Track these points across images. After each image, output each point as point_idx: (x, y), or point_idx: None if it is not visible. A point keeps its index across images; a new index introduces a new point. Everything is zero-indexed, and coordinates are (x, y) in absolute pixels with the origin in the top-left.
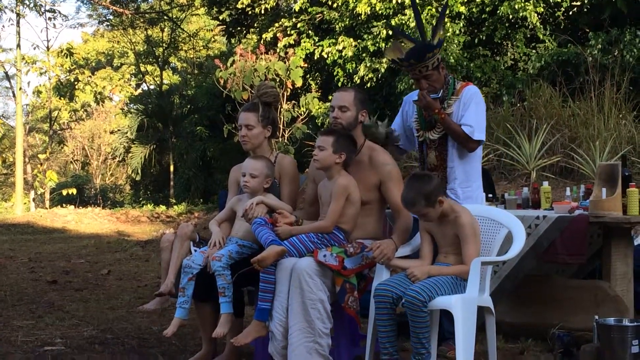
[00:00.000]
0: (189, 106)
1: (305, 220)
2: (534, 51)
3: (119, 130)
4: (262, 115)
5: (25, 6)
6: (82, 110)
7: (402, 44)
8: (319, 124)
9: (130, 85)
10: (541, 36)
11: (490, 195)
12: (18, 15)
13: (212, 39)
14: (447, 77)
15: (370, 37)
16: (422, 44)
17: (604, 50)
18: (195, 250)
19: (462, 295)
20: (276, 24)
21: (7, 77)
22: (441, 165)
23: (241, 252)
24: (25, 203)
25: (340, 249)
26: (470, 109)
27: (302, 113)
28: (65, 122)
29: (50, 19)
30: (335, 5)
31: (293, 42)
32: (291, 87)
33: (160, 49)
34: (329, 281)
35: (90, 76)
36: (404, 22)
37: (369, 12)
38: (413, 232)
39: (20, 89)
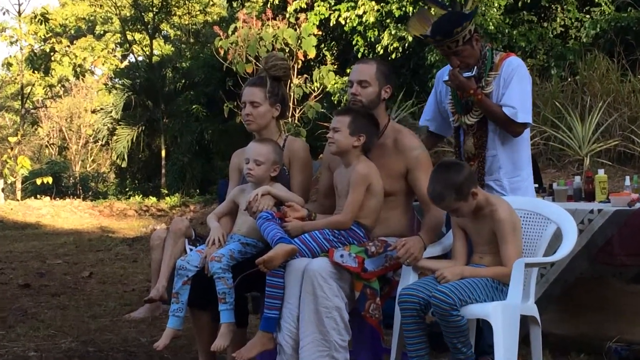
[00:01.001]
0: (183, 81)
1: (319, 215)
2: (587, 16)
3: (102, 109)
4: (269, 91)
5: None
6: (59, 85)
7: (431, 12)
8: (335, 102)
9: (115, 56)
10: None
11: (536, 186)
12: None
13: (211, 2)
14: (483, 49)
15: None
16: (449, 15)
17: None
18: (191, 249)
19: (502, 302)
20: None
21: None
22: (481, 154)
23: (244, 252)
24: None
25: (360, 248)
26: (513, 86)
27: (316, 89)
28: (39, 99)
29: None
30: None
31: (305, 6)
32: (303, 59)
33: (150, 14)
34: (346, 286)
35: (68, 46)
36: None
37: None
38: (445, 229)
39: None
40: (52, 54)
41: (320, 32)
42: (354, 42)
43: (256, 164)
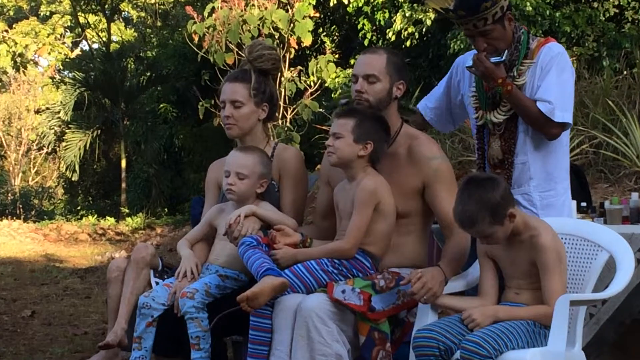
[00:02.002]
0: (148, 74)
1: (315, 240)
2: None
3: (47, 108)
4: (254, 88)
5: None
6: None
7: None
8: (337, 100)
9: (64, 43)
10: None
11: (583, 204)
12: None
13: None
14: (517, 31)
15: None
16: None
17: None
18: (157, 283)
19: (542, 349)
20: None
21: None
22: (508, 160)
23: (223, 286)
24: None
25: (365, 282)
26: (551, 78)
27: (312, 84)
28: None
29: None
30: None
31: None
32: (296, 47)
33: None
34: (349, 328)
35: (6, 31)
36: None
37: None
38: (470, 258)
39: None
40: None
41: (317, 14)
42: (359, 27)
43: (238, 177)
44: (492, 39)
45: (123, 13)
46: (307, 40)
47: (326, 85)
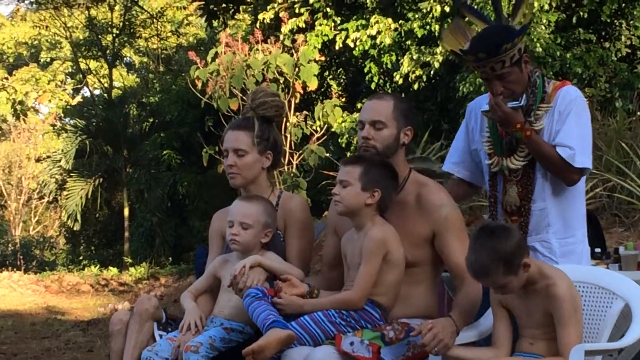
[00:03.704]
0: (151, 120)
1: (322, 291)
2: None
3: (48, 157)
4: (258, 136)
5: None
6: None
7: (468, 24)
8: (343, 145)
9: (65, 90)
10: None
11: (597, 251)
12: None
13: (185, 22)
14: (533, 74)
15: (417, 15)
16: (496, 28)
17: None
18: (161, 336)
19: None
20: None
21: None
22: (527, 206)
23: (228, 339)
24: None
25: (374, 334)
26: (570, 123)
27: (319, 129)
28: None
29: None
30: None
31: (304, 25)
32: (302, 92)
33: (109, 37)
34: None
35: (6, 78)
36: None
37: None
38: (482, 307)
39: None
40: None
41: (323, 58)
42: (365, 70)
43: (242, 227)
44: (509, 83)
45: (125, 58)
46: (313, 85)
47: (332, 130)
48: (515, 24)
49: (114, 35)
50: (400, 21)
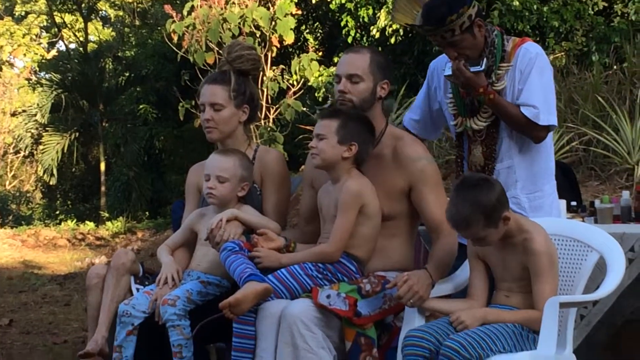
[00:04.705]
0: (127, 74)
1: (299, 244)
2: None
3: (24, 111)
4: (234, 90)
5: None
6: None
7: None
8: (320, 99)
9: (40, 44)
10: None
11: (573, 204)
12: None
13: None
14: (490, 34)
15: None
16: None
17: None
18: (138, 290)
19: (531, 352)
20: None
21: None
22: (491, 165)
23: (205, 293)
24: None
25: (351, 287)
26: (532, 81)
27: (295, 83)
28: None
29: None
30: None
31: None
32: (278, 46)
33: None
34: (335, 334)
35: None
36: None
37: None
38: (458, 260)
39: None
40: None
41: (300, 12)
42: (342, 24)
43: (219, 181)
44: (462, 49)
45: (100, 12)
46: (290, 39)
47: (309, 84)
48: None
49: None
50: None
